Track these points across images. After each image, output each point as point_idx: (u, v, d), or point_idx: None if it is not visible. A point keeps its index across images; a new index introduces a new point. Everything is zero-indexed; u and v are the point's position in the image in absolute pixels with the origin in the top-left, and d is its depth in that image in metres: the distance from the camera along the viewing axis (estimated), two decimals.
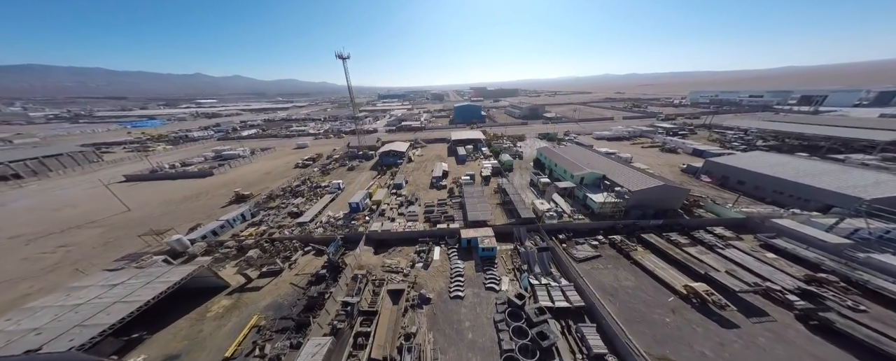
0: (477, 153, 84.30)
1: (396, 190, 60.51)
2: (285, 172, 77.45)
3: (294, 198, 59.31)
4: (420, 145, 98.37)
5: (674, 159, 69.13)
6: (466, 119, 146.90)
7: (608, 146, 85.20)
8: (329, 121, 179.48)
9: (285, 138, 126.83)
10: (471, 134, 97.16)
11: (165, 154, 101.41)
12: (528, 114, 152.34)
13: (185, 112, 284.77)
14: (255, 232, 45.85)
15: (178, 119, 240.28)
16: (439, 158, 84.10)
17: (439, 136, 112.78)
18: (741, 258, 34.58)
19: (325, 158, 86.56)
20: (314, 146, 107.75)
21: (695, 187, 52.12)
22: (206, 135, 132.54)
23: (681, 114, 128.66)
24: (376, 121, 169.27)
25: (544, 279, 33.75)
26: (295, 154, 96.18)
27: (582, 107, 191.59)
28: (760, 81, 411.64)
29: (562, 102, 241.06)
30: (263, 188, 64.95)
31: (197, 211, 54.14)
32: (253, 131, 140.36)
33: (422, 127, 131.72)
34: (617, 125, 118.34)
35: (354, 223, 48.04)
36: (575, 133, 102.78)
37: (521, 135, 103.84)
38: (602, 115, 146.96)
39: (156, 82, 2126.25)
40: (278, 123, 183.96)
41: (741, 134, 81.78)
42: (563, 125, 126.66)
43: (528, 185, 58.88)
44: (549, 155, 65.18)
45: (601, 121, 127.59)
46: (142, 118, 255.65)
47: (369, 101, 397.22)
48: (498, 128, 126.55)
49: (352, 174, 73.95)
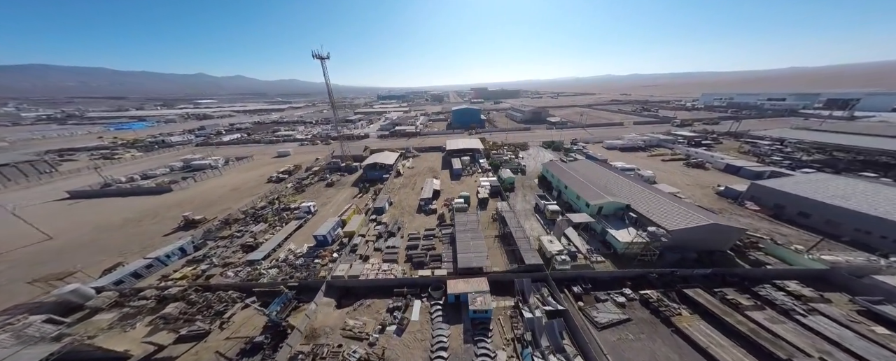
0: (474, 166, 74.76)
1: (376, 215, 51.09)
2: (256, 188, 68.16)
3: (255, 225, 49.96)
4: (411, 155, 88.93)
5: (703, 177, 59.19)
6: (465, 123, 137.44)
7: (622, 158, 75.45)
8: (321, 125, 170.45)
9: (268, 144, 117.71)
10: (468, 143, 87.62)
11: (132, 163, 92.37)
12: (530, 119, 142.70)
13: (175, 113, 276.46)
14: (190, 275, 36.52)
15: (166, 121, 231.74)
16: (432, 171, 74.64)
17: (434, 144, 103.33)
18: (837, 332, 24.73)
19: (304, 170, 77.21)
20: (297, 154, 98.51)
21: (738, 217, 42.38)
22: (184, 141, 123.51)
23: (697, 119, 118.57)
24: (370, 125, 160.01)
25: (554, 358, 24.43)
26: (273, 164, 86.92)
27: (588, 111, 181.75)
28: (768, 82, 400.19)
29: (565, 104, 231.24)
30: (223, 209, 55.63)
31: (134, 240, 44.89)
32: (236, 136, 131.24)
33: (416, 132, 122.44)
34: (629, 132, 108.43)
35: (318, 263, 38.70)
36: (583, 142, 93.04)
37: (523, 142, 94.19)
38: (610, 120, 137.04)
39: (158, 82, 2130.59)
40: (268, 126, 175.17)
41: (776, 145, 71.67)
42: (570, 132, 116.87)
43: (533, 211, 49.29)
44: (558, 173, 55.54)
45: (611, 128, 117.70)
46: (131, 119, 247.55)
47: (367, 102, 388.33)
48: (498, 134, 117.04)
49: (330, 192, 64.52)
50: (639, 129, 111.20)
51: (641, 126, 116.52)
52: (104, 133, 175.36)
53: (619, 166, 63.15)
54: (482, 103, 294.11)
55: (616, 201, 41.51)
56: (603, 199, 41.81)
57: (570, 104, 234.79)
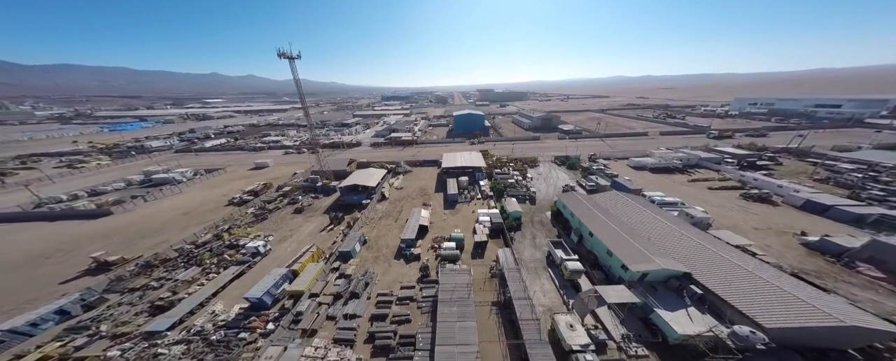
0: (473, 189, 62.47)
1: (341, 262, 39.54)
2: (212, 211, 57.60)
3: (185, 269, 39.06)
4: (403, 171, 77.23)
5: (774, 217, 45.02)
6: (467, 130, 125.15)
7: (655, 182, 61.81)
8: (318, 128, 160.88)
9: (252, 151, 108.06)
10: (468, 157, 75.32)
11: (94, 173, 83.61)
12: (540, 126, 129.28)
13: (177, 113, 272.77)
14: (54, 355, 25.64)
15: (165, 121, 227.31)
16: (423, 194, 62.71)
17: (432, 155, 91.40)
18: None
19: (275, 190, 66.37)
20: (277, 166, 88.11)
21: (850, 285, 28.88)
22: (165, 146, 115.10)
23: (737, 130, 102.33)
24: (366, 131, 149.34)
25: None
26: (246, 178, 76.60)
27: (603, 117, 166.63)
28: (796, 84, 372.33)
29: (577, 108, 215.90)
30: (158, 243, 45.00)
31: (18, 290, 34.43)
32: (220, 141, 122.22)
33: (413, 140, 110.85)
34: (655, 143, 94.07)
35: (244, 338, 27.50)
36: (603, 158, 79.48)
37: (532, 158, 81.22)
38: (631, 129, 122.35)
39: (174, 81, 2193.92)
40: (260, 129, 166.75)
41: (863, 170, 56.01)
42: (586, 143, 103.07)
43: (545, 265, 36.81)
44: (578, 209, 42.75)
45: (634, 139, 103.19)
46: (134, 119, 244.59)
47: (370, 103, 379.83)
48: (503, 144, 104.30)
49: (296, 221, 53.34)
50: (667, 142, 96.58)
51: (670, 137, 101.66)
52: (98, 134, 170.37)
53: (657, 198, 49.78)
54: (487, 106, 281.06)
55: (668, 268, 28.64)
56: (648, 264, 28.99)
57: (582, 108, 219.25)
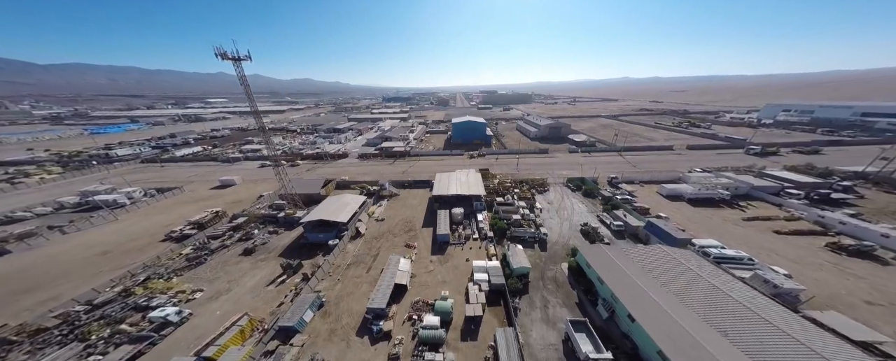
0: (469, 224, 50.38)
1: (282, 340, 27.83)
2: (142, 249, 46.41)
3: (60, 346, 27.70)
4: (388, 194, 65.40)
5: (891, 283, 32.07)
6: (467, 139, 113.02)
7: (699, 219, 49.05)
8: (306, 134, 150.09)
9: (225, 163, 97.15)
10: (464, 181, 63.14)
11: (33, 190, 73.28)
12: (547, 136, 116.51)
13: (169, 114, 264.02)
14: None
15: (155, 123, 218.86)
16: (407, 228, 50.86)
17: (424, 173, 79.53)
18: None
19: (229, 219, 54.97)
20: (248, 182, 76.96)
21: None
22: (132, 154, 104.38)
23: (782, 144, 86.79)
24: (357, 137, 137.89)
25: None
26: (204, 200, 65.48)
27: (615, 123, 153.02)
28: (813, 87, 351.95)
29: (586, 113, 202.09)
30: (43, 302, 33.76)
31: None
32: (197, 149, 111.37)
33: (406, 151, 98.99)
34: (685, 161, 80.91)
35: None
36: (625, 180, 66.72)
37: (541, 180, 68.67)
38: (650, 140, 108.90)
39: (181, 80, 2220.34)
40: (249, 133, 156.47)
41: None
42: (602, 158, 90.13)
43: (562, 354, 24.58)
44: (608, 273, 30.38)
45: (658, 154, 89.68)
46: (127, 120, 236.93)
47: (369, 105, 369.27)
48: (507, 157, 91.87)
49: (242, 267, 41.88)
50: (699, 159, 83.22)
51: (700, 153, 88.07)
52: (79, 136, 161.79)
53: (713, 250, 37.18)
54: (490, 109, 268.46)
55: None
56: None
57: (592, 113, 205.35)
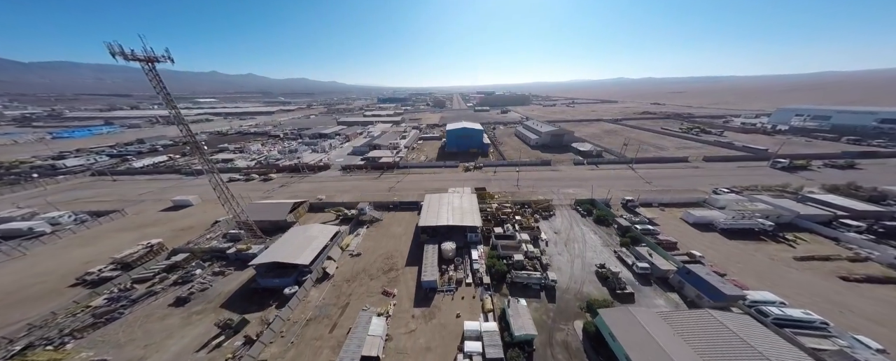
0: (462, 263, 41.05)
1: None
2: (42, 298, 36.18)
3: None
4: (369, 219, 55.73)
5: None
6: (463, 148, 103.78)
7: (735, 254, 40.36)
8: (290, 139, 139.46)
9: (189, 176, 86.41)
10: (457, 205, 53.70)
11: None
12: (549, 143, 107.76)
13: (146, 115, 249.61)
14: None
15: (129, 125, 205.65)
16: (387, 267, 41.40)
17: (413, 191, 70.07)
18: None
19: (167, 255, 44.79)
20: (207, 203, 66.57)
21: None
22: (85, 165, 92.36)
23: (811, 156, 77.21)
24: (344, 144, 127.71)
25: None
26: (149, 226, 55.11)
27: (619, 129, 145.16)
28: (815, 89, 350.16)
29: (587, 117, 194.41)
30: None
31: None
32: (159, 159, 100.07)
33: (395, 162, 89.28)
34: (704, 176, 72.59)
35: None
36: (642, 203, 57.93)
37: (545, 202, 59.50)
38: (660, 148, 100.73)
39: (172, 80, 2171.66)
40: (228, 138, 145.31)
41: None
42: (611, 172, 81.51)
43: None
44: (641, 354, 21.22)
45: (673, 167, 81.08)
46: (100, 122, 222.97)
47: (362, 107, 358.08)
48: (507, 170, 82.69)
49: (169, 323, 32.06)
50: (720, 173, 74.97)
51: (720, 166, 79.72)
52: (37, 142, 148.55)
53: (773, 310, 28.40)
54: (487, 111, 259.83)
55: None
56: None
57: (593, 116, 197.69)
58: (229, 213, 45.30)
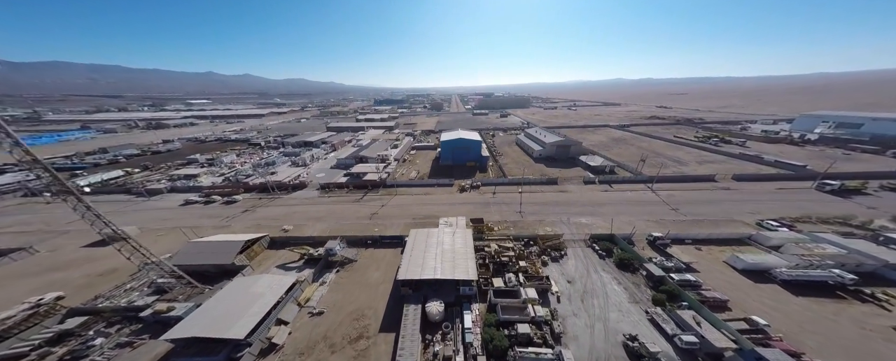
0: (451, 333, 30.35)
1: None
2: None
3: None
4: (340, 261, 44.83)
5: None
6: (459, 161, 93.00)
7: (805, 316, 29.66)
8: (271, 148, 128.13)
9: (140, 197, 74.86)
10: (448, 246, 42.81)
11: None
12: (554, 156, 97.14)
13: (129, 118, 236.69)
14: None
15: (106, 130, 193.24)
16: (357, 332, 31.17)
17: (396, 223, 59.14)
18: None
19: (61, 318, 33.61)
20: (147, 235, 55.34)
21: None
22: (14, 183, 79.62)
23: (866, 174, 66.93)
24: (329, 154, 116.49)
25: None
26: (60, 270, 43.90)
27: (629, 137, 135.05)
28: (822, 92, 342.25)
29: (592, 122, 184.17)
30: None
31: None
32: (113, 174, 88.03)
33: (381, 180, 78.24)
34: (738, 199, 62.12)
35: None
36: (672, 238, 47.32)
37: (555, 236, 48.81)
38: (678, 161, 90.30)
39: (167, 80, 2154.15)
40: (204, 147, 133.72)
41: None
42: (628, 194, 71.06)
43: None
44: None
45: (699, 188, 70.25)
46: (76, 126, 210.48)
47: (358, 108, 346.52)
48: (506, 191, 71.73)
49: None
50: (755, 195, 64.54)
51: (753, 186, 69.28)
52: None
53: None
54: (486, 115, 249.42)
55: None
56: None
57: (597, 120, 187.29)
58: (134, 261, 34.37)
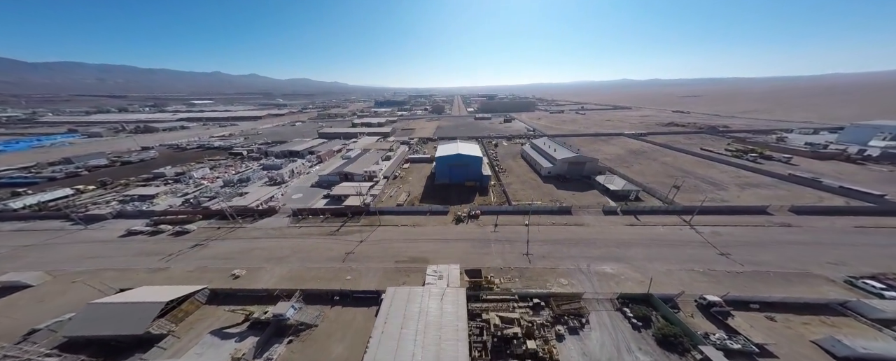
0: None
1: None
2: None
3: None
4: (293, 324, 33.17)
5: None
6: (457, 179, 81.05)
7: None
8: (253, 157, 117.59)
9: (77, 226, 64.08)
10: (434, 317, 30.85)
11: None
12: (566, 173, 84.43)
13: (113, 121, 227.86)
14: None
15: (91, 134, 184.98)
16: None
17: (378, 261, 47.34)
18: None
19: None
20: (59, 283, 44.32)
21: None
22: None
23: None
24: (314, 167, 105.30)
25: None
26: None
27: (649, 149, 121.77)
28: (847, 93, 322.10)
29: (604, 129, 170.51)
30: None
31: None
32: (59, 194, 77.24)
33: (364, 207, 66.54)
34: (804, 239, 49.16)
35: None
36: (736, 305, 34.72)
37: (574, 297, 36.50)
38: (714, 185, 77.05)
39: (175, 80, 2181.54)
40: (186, 155, 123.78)
41: None
42: (659, 228, 58.48)
43: None
44: None
45: (750, 223, 57.39)
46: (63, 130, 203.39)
47: (358, 110, 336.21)
48: (510, 222, 59.19)
49: None
50: (826, 234, 51.43)
51: (818, 221, 56.15)
52: None
53: None
54: (489, 119, 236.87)
55: None
56: None
57: (609, 126, 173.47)
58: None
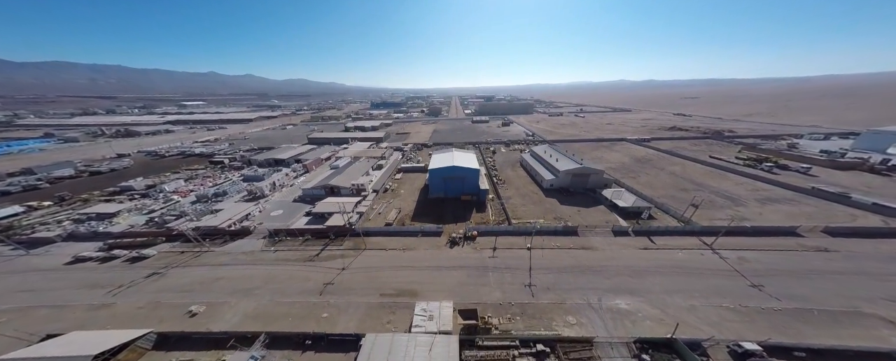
0: None
1: None
2: None
3: None
4: None
5: None
6: (452, 193, 74.72)
7: None
8: (235, 167, 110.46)
9: (19, 251, 56.74)
10: None
11: None
12: (570, 186, 78.41)
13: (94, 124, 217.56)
14: None
15: (67, 139, 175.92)
16: None
17: (361, 293, 40.71)
18: None
19: None
20: None
21: None
22: None
23: None
24: (300, 177, 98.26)
25: None
26: None
27: (655, 157, 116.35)
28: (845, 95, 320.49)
29: (606, 134, 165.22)
30: None
31: None
32: (10, 211, 69.18)
33: (348, 226, 59.91)
34: (843, 269, 43.43)
35: None
36: (774, 348, 28.63)
37: (584, 341, 30.28)
38: (731, 199, 71.43)
39: (169, 80, 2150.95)
40: (163, 163, 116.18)
41: None
42: (678, 254, 52.71)
43: None
44: None
45: (778, 247, 51.77)
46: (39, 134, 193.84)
47: (354, 112, 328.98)
48: (510, 245, 52.73)
49: None
50: (870, 263, 45.75)
51: (855, 245, 50.50)
52: None
53: None
54: (487, 122, 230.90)
55: None
56: None
57: (611, 130, 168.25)
58: None
